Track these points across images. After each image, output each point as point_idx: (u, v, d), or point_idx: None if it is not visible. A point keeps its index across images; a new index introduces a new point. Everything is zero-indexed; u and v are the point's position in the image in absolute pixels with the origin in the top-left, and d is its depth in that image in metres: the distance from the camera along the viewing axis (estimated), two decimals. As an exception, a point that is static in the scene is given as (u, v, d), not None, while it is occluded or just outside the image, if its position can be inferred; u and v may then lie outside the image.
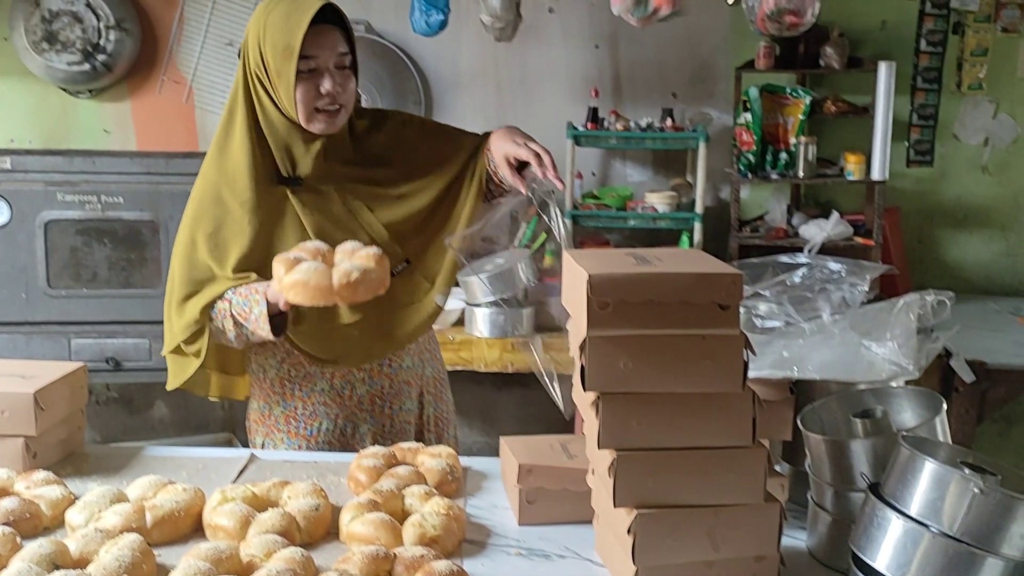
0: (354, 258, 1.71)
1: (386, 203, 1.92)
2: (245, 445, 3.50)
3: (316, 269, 1.68)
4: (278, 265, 1.71)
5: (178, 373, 1.96)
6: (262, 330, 1.78)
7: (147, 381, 3.55)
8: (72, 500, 1.60)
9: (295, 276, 1.67)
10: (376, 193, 1.92)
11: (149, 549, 1.42)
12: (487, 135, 1.98)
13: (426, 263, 1.96)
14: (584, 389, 1.32)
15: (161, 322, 3.19)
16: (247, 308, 1.79)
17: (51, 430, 1.76)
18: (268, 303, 1.77)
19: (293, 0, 1.80)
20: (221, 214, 1.86)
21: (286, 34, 1.78)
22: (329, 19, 1.81)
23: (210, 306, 1.85)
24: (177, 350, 1.92)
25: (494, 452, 1.77)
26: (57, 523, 1.56)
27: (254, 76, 1.85)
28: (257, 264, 1.85)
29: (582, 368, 1.31)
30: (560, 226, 1.79)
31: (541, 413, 3.93)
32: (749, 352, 1.32)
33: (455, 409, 2.19)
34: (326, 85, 1.81)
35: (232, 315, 1.81)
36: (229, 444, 3.71)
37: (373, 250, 1.73)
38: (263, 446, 2.02)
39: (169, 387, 1.99)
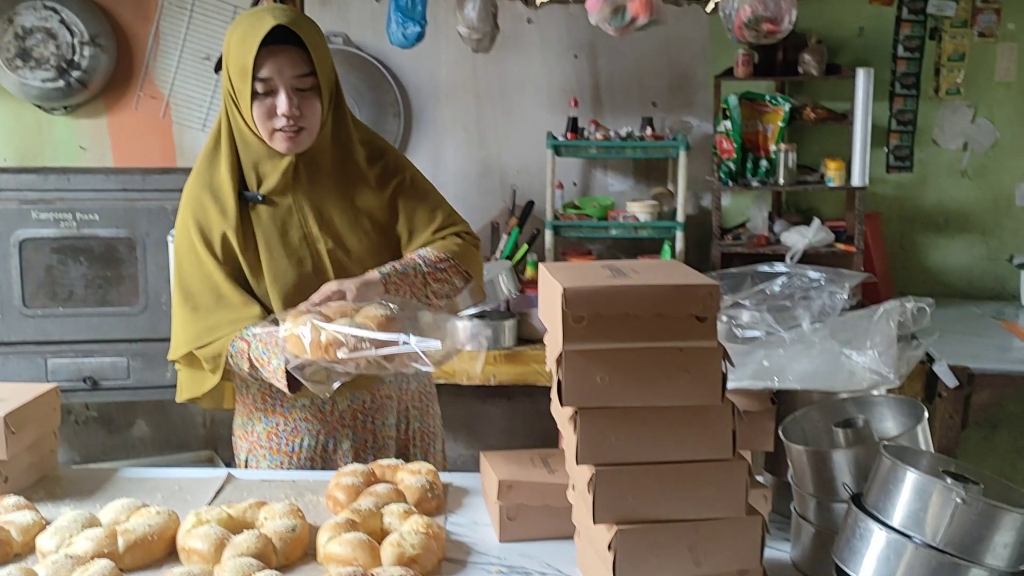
0: (359, 316, 1.64)
1: (356, 230, 1.90)
2: (227, 462, 3.47)
3: (314, 325, 1.62)
4: (284, 316, 1.68)
5: (192, 386, 1.92)
6: (279, 383, 1.75)
7: (126, 400, 3.51)
8: (43, 525, 1.57)
9: (294, 329, 1.64)
10: (349, 219, 1.90)
11: (121, 575, 1.39)
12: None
13: None
14: (561, 404, 1.30)
15: (139, 340, 3.21)
16: (266, 357, 1.77)
17: (23, 453, 1.73)
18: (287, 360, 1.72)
19: (252, 21, 1.80)
20: (208, 220, 1.87)
21: (242, 55, 1.79)
22: (291, 40, 1.79)
23: (226, 345, 1.82)
24: (189, 361, 1.89)
25: (479, 466, 1.75)
26: (28, 549, 1.53)
27: (227, 94, 1.86)
28: (236, 270, 1.86)
29: (559, 383, 1.29)
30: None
31: (525, 426, 3.92)
32: (727, 364, 1.30)
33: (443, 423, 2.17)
34: (281, 106, 1.80)
35: (250, 358, 1.79)
36: (210, 462, 3.68)
37: (380, 311, 1.65)
38: (247, 461, 2.01)
39: (179, 399, 1.96)
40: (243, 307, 1.84)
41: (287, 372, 1.69)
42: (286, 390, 1.75)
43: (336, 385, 1.67)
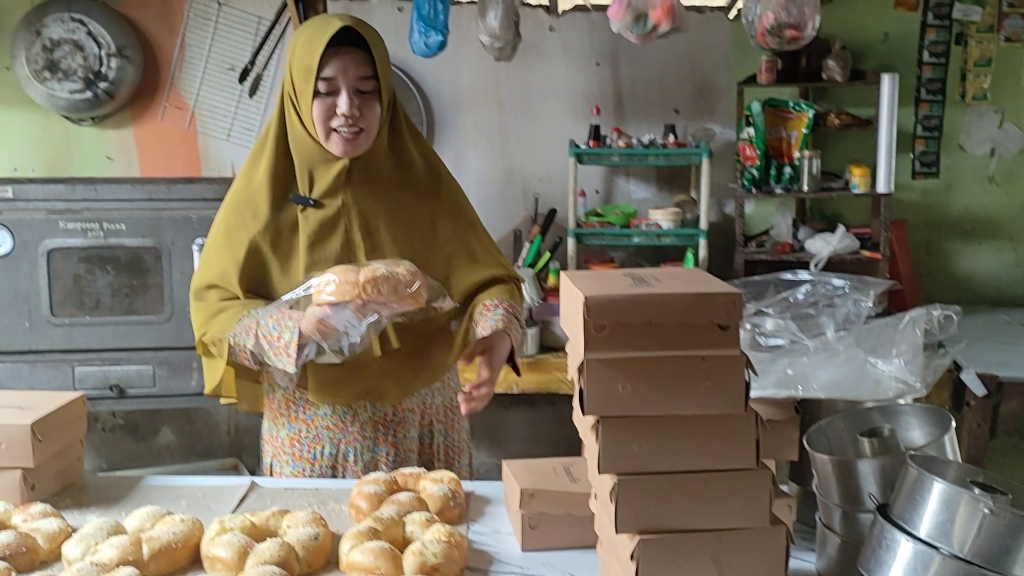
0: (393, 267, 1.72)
1: (399, 243, 1.91)
2: (251, 470, 3.48)
3: (344, 267, 1.70)
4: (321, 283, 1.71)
5: (209, 377, 1.94)
6: (283, 359, 1.76)
7: (151, 408, 3.53)
8: (69, 533, 1.58)
9: (326, 276, 1.69)
10: (393, 231, 1.91)
11: (145, 582, 1.40)
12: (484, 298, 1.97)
13: None
14: (583, 413, 1.30)
15: (165, 348, 3.23)
16: (276, 332, 1.78)
17: (49, 461, 1.75)
18: (300, 334, 1.75)
19: (320, 23, 1.85)
20: (239, 223, 1.89)
21: (307, 55, 1.82)
22: (356, 44, 1.83)
23: (231, 324, 1.84)
24: (204, 350, 1.91)
25: (501, 474, 1.75)
26: (54, 557, 1.55)
27: (287, 96, 1.88)
28: (257, 276, 1.88)
29: (581, 392, 1.29)
30: None
31: (548, 434, 3.92)
32: (750, 372, 1.29)
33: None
34: (342, 106, 1.82)
35: (257, 334, 1.80)
36: (235, 469, 3.70)
37: (410, 265, 1.74)
38: (271, 466, 2.02)
39: (207, 391, 1.96)
40: (248, 298, 1.87)
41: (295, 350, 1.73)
42: (290, 367, 1.75)
43: (355, 340, 1.71)
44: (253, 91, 3.80)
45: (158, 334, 3.25)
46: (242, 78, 3.79)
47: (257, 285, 1.89)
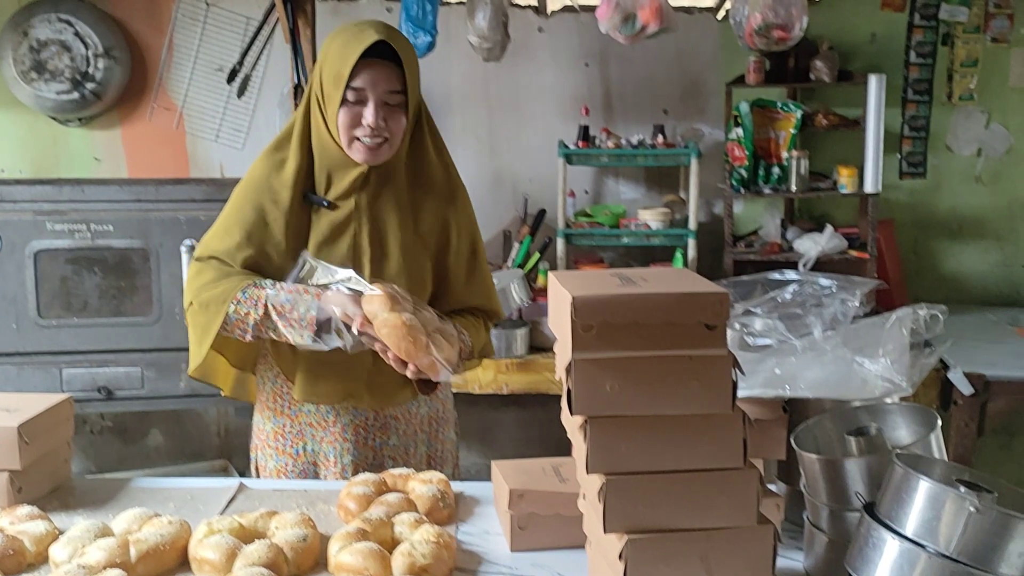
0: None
1: (404, 253, 1.91)
2: (241, 472, 3.47)
3: (416, 326, 1.73)
4: (384, 298, 1.74)
5: (196, 350, 1.91)
6: (296, 329, 1.77)
7: (140, 410, 3.52)
8: (56, 535, 1.57)
9: (396, 319, 1.71)
10: (399, 241, 1.91)
11: (132, 585, 1.40)
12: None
13: None
14: (571, 413, 1.30)
15: (153, 349, 3.22)
16: (288, 304, 1.78)
17: (36, 463, 1.74)
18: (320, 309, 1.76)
19: (355, 32, 1.84)
20: (259, 208, 1.89)
21: (339, 62, 1.83)
22: (388, 56, 1.83)
23: (233, 291, 1.83)
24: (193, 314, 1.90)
25: (490, 475, 1.75)
26: (41, 559, 1.54)
27: (315, 97, 1.89)
28: (261, 264, 1.88)
29: (569, 392, 1.29)
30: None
31: (538, 434, 3.92)
32: (738, 372, 1.30)
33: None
34: (368, 117, 1.83)
35: (267, 304, 1.79)
36: (224, 471, 3.68)
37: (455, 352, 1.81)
38: (257, 460, 2.03)
39: (191, 370, 1.95)
40: (251, 274, 1.88)
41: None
42: (306, 336, 1.76)
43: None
44: (241, 92, 3.80)
45: (146, 336, 3.24)
46: (230, 79, 3.78)
47: (257, 272, 1.89)
